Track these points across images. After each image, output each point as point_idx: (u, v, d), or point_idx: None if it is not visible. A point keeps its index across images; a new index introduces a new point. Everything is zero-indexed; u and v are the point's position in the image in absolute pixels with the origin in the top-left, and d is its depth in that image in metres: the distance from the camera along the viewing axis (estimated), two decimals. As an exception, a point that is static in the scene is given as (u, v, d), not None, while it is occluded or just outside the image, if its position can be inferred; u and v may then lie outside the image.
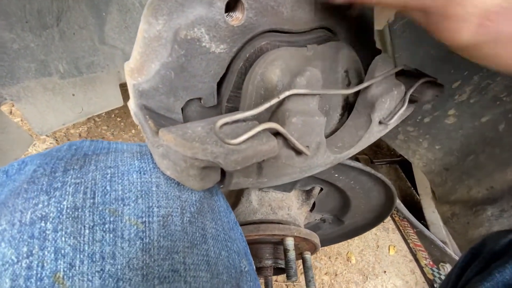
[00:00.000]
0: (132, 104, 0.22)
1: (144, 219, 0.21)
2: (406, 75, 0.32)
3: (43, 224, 0.18)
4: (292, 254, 0.44)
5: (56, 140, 1.26)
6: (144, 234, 0.20)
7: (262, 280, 0.74)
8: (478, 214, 0.74)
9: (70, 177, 0.21)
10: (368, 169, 0.42)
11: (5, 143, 0.64)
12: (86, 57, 0.70)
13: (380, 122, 0.28)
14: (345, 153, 0.27)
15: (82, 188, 0.21)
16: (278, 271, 0.53)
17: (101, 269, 0.18)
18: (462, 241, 0.77)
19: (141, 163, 0.23)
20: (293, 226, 0.45)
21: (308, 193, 0.51)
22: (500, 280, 0.37)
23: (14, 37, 0.58)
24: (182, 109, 0.24)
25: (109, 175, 0.22)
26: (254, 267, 0.33)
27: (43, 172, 0.21)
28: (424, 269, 1.17)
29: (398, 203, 1.26)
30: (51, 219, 0.19)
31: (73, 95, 0.75)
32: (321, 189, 0.51)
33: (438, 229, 1.17)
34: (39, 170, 0.21)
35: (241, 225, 0.47)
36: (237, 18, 0.22)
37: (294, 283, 1.07)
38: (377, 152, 1.66)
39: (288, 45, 0.25)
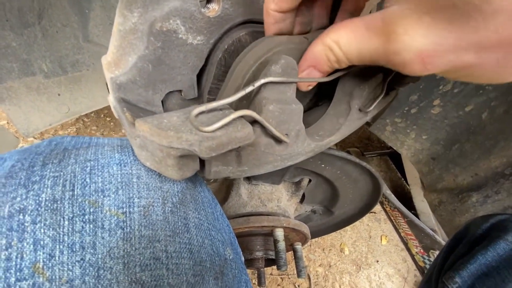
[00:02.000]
0: (111, 98, 0.22)
1: (124, 209, 0.21)
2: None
3: (21, 217, 0.19)
4: (281, 245, 0.45)
5: (44, 142, 1.24)
6: (125, 224, 0.20)
7: (255, 272, 0.74)
8: (464, 201, 0.76)
9: (48, 170, 0.21)
10: (353, 158, 0.42)
11: (-11, 145, 0.63)
12: (70, 56, 0.69)
13: (360, 110, 0.28)
14: (326, 140, 0.27)
15: (61, 181, 0.21)
16: (270, 262, 0.53)
17: (82, 259, 0.19)
18: (449, 228, 0.79)
19: (122, 156, 0.23)
20: (282, 217, 0.46)
21: (297, 185, 0.52)
22: (483, 262, 0.38)
23: (-5, 36, 0.57)
24: (162, 102, 0.25)
25: (89, 167, 0.22)
26: (242, 257, 0.34)
27: (21, 166, 0.21)
28: (415, 257, 1.20)
29: (389, 194, 1.28)
30: (29, 212, 0.19)
31: (59, 94, 0.74)
32: (310, 181, 0.52)
33: (428, 218, 1.20)
34: (17, 165, 0.21)
35: (232, 218, 0.48)
36: (213, 9, 0.22)
37: (289, 275, 1.08)
38: (368, 144, 1.68)
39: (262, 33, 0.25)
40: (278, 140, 0.22)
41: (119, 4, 0.20)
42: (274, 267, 1.10)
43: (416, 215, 1.22)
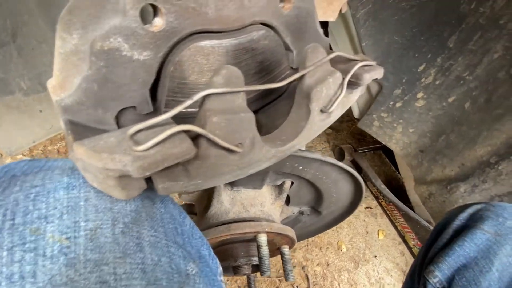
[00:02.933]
0: (60, 120, 0.22)
1: (69, 234, 0.21)
2: (346, 62, 0.32)
3: None
4: (265, 250, 0.45)
5: (34, 158, 1.23)
6: (69, 249, 0.20)
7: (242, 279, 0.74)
8: (453, 191, 0.76)
9: None
10: (327, 159, 0.42)
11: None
12: (49, 72, 0.68)
13: (321, 111, 0.28)
14: (288, 145, 0.27)
15: (2, 210, 0.21)
16: (257, 267, 0.53)
17: None
18: (440, 220, 0.79)
19: (71, 179, 0.23)
20: (264, 222, 0.46)
21: (280, 187, 0.52)
22: (461, 254, 0.38)
23: (-32, 58, 0.56)
24: (117, 120, 0.24)
25: (33, 194, 0.22)
26: (218, 268, 0.33)
27: None
28: (412, 249, 1.19)
29: (383, 188, 1.28)
30: None
31: (40, 111, 0.74)
32: (292, 183, 0.52)
33: (423, 210, 1.20)
34: None
35: (215, 226, 0.48)
36: (157, 24, 0.22)
37: (287, 277, 1.08)
38: (361, 140, 1.68)
39: (209, 41, 0.25)
40: (230, 150, 0.22)
41: (58, 26, 0.20)
42: (272, 269, 1.09)
43: (411, 208, 1.22)
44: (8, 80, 0.65)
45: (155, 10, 0.22)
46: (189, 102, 0.19)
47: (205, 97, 0.20)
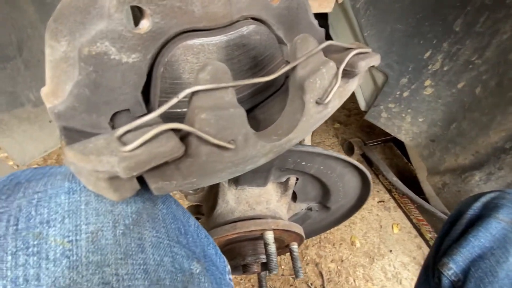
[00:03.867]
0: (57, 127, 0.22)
1: (71, 237, 0.21)
2: (340, 51, 0.31)
3: None
4: (272, 247, 0.44)
5: (49, 168, 1.27)
6: (71, 252, 0.21)
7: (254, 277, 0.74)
8: (467, 180, 0.74)
9: None
10: (330, 152, 0.42)
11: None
12: (55, 83, 0.71)
13: (317, 103, 0.27)
14: (284, 139, 0.27)
15: (5, 216, 0.21)
16: (266, 265, 0.53)
17: None
18: (455, 210, 0.76)
19: (71, 184, 0.24)
20: (270, 220, 0.45)
21: (285, 184, 0.51)
22: (476, 244, 0.36)
23: (-22, 74, 0.59)
24: (112, 122, 0.25)
25: (36, 200, 0.22)
26: (226, 267, 0.33)
27: None
28: (429, 242, 1.16)
29: (395, 180, 1.25)
30: None
31: (50, 121, 0.76)
32: (297, 179, 0.51)
33: (438, 201, 1.17)
34: None
35: (221, 225, 0.48)
36: (143, 25, 0.22)
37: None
38: (370, 133, 1.65)
39: (198, 39, 0.25)
40: (223, 147, 0.22)
41: (46, 35, 0.20)
42: (285, 267, 1.09)
43: (426, 200, 1.19)
44: (17, 93, 0.68)
45: (141, 12, 0.22)
46: (174, 100, 0.19)
47: (192, 95, 0.20)
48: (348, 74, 0.30)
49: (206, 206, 0.54)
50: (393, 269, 1.12)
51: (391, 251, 1.17)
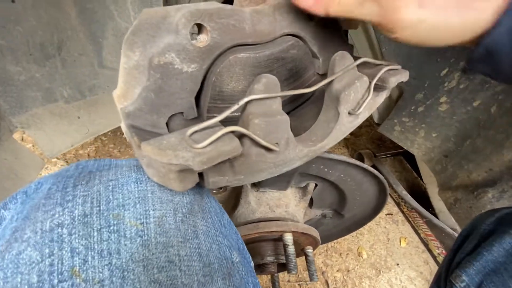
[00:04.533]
0: (122, 125, 0.25)
1: (142, 220, 0.24)
2: (372, 66, 0.34)
3: (60, 230, 0.23)
4: (291, 249, 0.46)
5: (67, 162, 1.31)
6: (143, 232, 0.24)
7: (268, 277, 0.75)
8: (480, 197, 0.74)
9: (79, 191, 0.25)
10: (353, 161, 0.44)
11: (19, 168, 0.69)
12: (87, 81, 0.75)
13: (349, 113, 0.30)
14: (319, 145, 0.29)
15: (89, 199, 0.25)
16: (282, 267, 0.55)
17: (109, 263, 0.22)
18: (466, 226, 0.77)
19: (138, 175, 0.27)
20: (290, 222, 0.47)
21: (304, 190, 0.54)
22: (489, 259, 0.38)
23: (21, 70, 0.63)
24: (167, 123, 0.28)
25: (111, 186, 0.26)
26: (251, 262, 0.36)
27: (56, 188, 0.26)
28: (437, 258, 1.16)
29: (405, 194, 1.26)
30: (66, 225, 0.23)
31: (78, 117, 0.80)
32: (316, 185, 0.54)
33: (447, 217, 1.17)
34: (53, 187, 0.26)
35: (242, 225, 0.50)
36: (203, 40, 0.25)
37: (307, 282, 1.08)
38: (380, 145, 1.66)
39: (246, 53, 0.28)
40: (268, 149, 0.24)
41: (123, 46, 0.23)
42: (292, 275, 1.10)
43: (435, 215, 1.19)
44: (52, 89, 0.72)
45: (200, 28, 0.25)
46: (235, 107, 0.22)
47: (247, 102, 0.23)
48: (379, 88, 0.33)
49: (227, 205, 0.56)
50: (400, 283, 1.11)
51: (398, 264, 1.17)
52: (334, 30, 0.36)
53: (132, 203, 0.25)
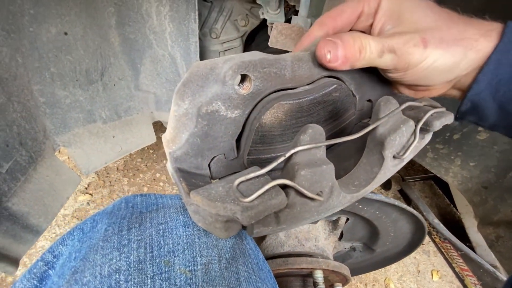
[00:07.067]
0: (169, 167, 0.26)
1: (190, 267, 0.25)
2: (415, 108, 0.33)
3: (117, 276, 0.23)
4: (322, 287, 0.44)
5: (98, 175, 1.38)
6: (191, 281, 0.24)
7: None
8: (527, 236, 0.68)
9: (133, 234, 0.26)
10: (391, 200, 0.42)
11: (58, 185, 0.73)
12: (124, 103, 0.79)
13: (394, 157, 0.29)
14: (362, 191, 0.28)
15: (143, 244, 0.26)
16: (310, 303, 0.52)
17: None
18: (510, 266, 0.70)
19: (185, 218, 0.28)
20: (321, 259, 0.46)
21: (335, 223, 0.52)
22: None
23: (67, 94, 0.68)
24: (209, 164, 0.28)
25: (162, 230, 0.27)
26: None
27: (112, 231, 0.27)
28: (474, 296, 1.07)
29: (437, 223, 1.18)
30: (122, 271, 0.24)
31: (113, 136, 0.84)
32: (348, 219, 0.52)
33: (486, 251, 1.08)
34: (109, 229, 0.27)
35: (270, 258, 0.49)
36: (246, 88, 0.26)
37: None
38: (409, 168, 1.59)
39: (290, 99, 0.29)
40: (312, 198, 0.24)
41: (174, 95, 0.25)
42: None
43: (472, 248, 1.10)
44: (93, 111, 0.77)
45: (244, 77, 0.26)
46: (282, 158, 0.22)
47: (292, 154, 0.23)
48: (424, 131, 0.32)
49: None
50: (432, 321, 1.03)
51: (429, 300, 1.09)
52: (368, 69, 0.36)
53: (181, 249, 0.26)
